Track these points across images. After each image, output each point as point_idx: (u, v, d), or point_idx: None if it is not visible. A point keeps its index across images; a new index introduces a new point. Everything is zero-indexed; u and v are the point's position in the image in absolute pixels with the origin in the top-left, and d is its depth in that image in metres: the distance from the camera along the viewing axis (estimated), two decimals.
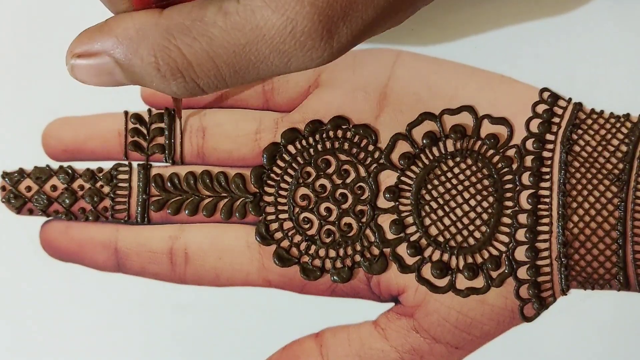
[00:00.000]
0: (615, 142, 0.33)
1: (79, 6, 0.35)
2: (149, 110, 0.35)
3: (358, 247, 0.33)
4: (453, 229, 0.33)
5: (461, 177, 0.33)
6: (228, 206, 0.34)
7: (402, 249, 0.33)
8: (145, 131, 0.34)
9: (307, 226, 0.33)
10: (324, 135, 0.34)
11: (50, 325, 0.34)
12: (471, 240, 0.33)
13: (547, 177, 0.33)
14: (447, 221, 0.33)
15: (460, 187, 0.33)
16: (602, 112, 0.34)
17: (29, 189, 0.34)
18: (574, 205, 0.33)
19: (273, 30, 0.25)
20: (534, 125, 0.34)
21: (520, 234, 0.33)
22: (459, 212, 0.33)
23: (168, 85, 0.26)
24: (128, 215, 0.34)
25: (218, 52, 0.25)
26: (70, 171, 0.34)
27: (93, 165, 0.35)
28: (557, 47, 0.34)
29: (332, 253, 0.33)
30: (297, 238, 0.33)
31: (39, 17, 0.35)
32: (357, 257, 0.33)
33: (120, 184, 0.34)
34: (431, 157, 0.34)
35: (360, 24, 0.26)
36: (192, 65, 0.26)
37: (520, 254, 0.33)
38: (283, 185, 0.34)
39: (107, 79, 0.27)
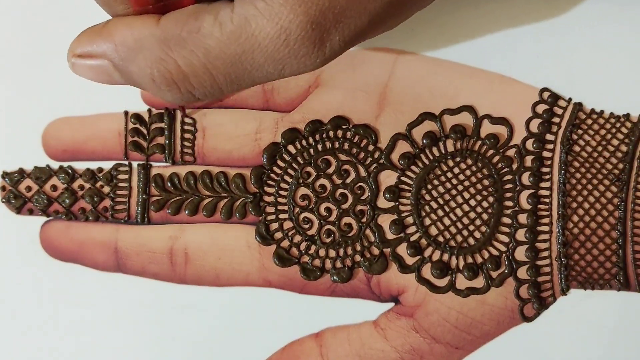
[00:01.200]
0: (615, 142, 0.33)
1: (79, 6, 0.35)
2: (149, 110, 0.35)
3: (358, 247, 0.33)
4: (453, 229, 0.33)
5: (461, 177, 0.33)
6: (228, 206, 0.34)
7: (402, 249, 0.33)
8: (145, 131, 0.34)
9: (307, 226, 0.33)
10: (324, 135, 0.34)
11: (50, 325, 0.34)
12: (471, 240, 0.33)
13: (547, 177, 0.33)
14: (447, 221, 0.33)
15: (460, 187, 0.33)
16: (602, 112, 0.34)
17: (29, 189, 0.34)
18: (574, 205, 0.33)
19: (267, 39, 0.25)
20: (534, 125, 0.34)
21: (520, 234, 0.33)
22: (459, 212, 0.33)
23: (163, 94, 0.27)
24: (128, 215, 0.34)
25: (215, 63, 0.26)
26: (70, 171, 0.34)
27: (93, 165, 0.35)
28: (557, 47, 0.34)
29: (332, 253, 0.33)
30: (297, 238, 0.33)
31: (39, 17, 0.35)
32: (357, 257, 0.33)
33: (120, 184, 0.34)
34: (431, 157, 0.34)
35: (352, 30, 0.26)
36: (187, 77, 0.26)
37: (520, 254, 0.33)
38: (283, 185, 0.34)
39: (105, 79, 0.27)
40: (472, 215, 0.33)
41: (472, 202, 0.33)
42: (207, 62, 0.26)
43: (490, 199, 0.33)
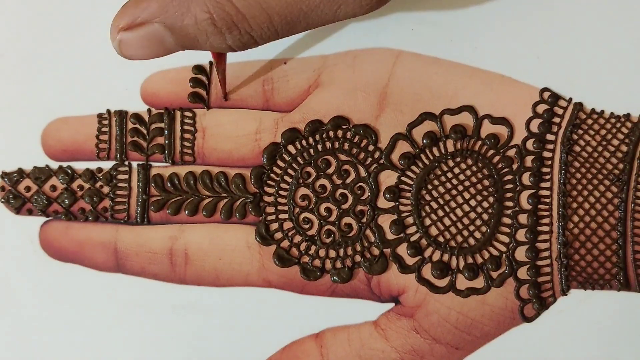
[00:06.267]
0: (615, 142, 0.33)
1: (79, 6, 0.35)
2: (149, 110, 0.35)
3: (358, 248, 0.33)
4: (453, 229, 0.33)
5: (461, 177, 0.33)
6: (228, 206, 0.34)
7: (402, 249, 0.33)
8: (145, 131, 0.34)
9: (307, 226, 0.33)
10: (324, 135, 0.34)
11: (50, 325, 0.34)
12: (471, 241, 0.33)
13: (548, 177, 0.33)
14: (447, 221, 0.33)
15: (460, 187, 0.33)
16: (602, 112, 0.34)
17: (28, 189, 0.34)
18: (574, 205, 0.33)
19: None
20: (535, 125, 0.34)
21: (521, 234, 0.33)
22: (459, 212, 0.33)
23: (223, 40, 0.26)
24: (128, 216, 0.34)
25: (270, 3, 0.26)
26: (69, 171, 0.34)
27: (92, 165, 0.34)
28: (557, 47, 0.34)
29: (332, 253, 0.33)
30: (297, 238, 0.33)
31: (39, 17, 0.35)
32: (357, 258, 0.33)
33: (119, 184, 0.34)
34: (431, 157, 0.34)
35: None
36: (245, 18, 0.26)
37: (521, 254, 0.33)
38: (283, 185, 0.34)
39: (156, 48, 0.27)
40: (473, 215, 0.33)
41: (473, 203, 0.33)
42: (263, 2, 0.26)
43: (491, 199, 0.33)
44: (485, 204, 0.33)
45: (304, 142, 0.34)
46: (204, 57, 0.35)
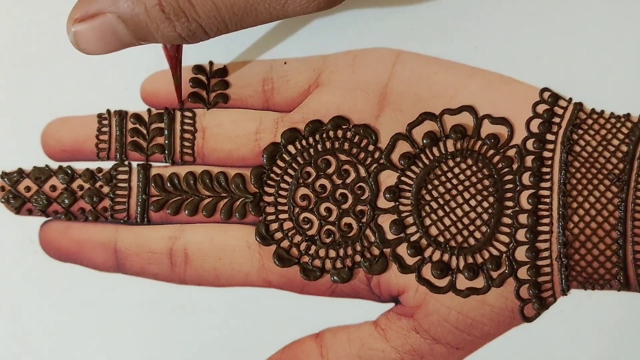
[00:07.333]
0: (615, 142, 0.33)
1: None
2: (149, 110, 0.35)
3: (358, 248, 0.33)
4: (453, 229, 0.33)
5: (461, 177, 0.33)
6: (228, 206, 0.34)
7: (402, 249, 0.33)
8: (144, 131, 0.34)
9: (307, 226, 0.33)
10: (324, 135, 0.34)
11: (50, 325, 0.34)
12: (471, 241, 0.33)
13: (548, 177, 0.33)
14: (447, 221, 0.33)
15: (460, 187, 0.33)
16: (602, 112, 0.34)
17: (28, 189, 0.34)
18: (575, 205, 0.33)
19: None
20: (535, 125, 0.34)
21: (521, 234, 0.33)
22: (459, 212, 0.33)
23: (173, 28, 0.27)
24: (127, 216, 0.34)
25: None
26: (69, 171, 0.34)
27: (92, 165, 0.34)
28: (557, 47, 0.34)
29: (332, 253, 0.33)
30: (297, 238, 0.33)
31: (39, 17, 0.35)
32: (357, 258, 0.33)
33: (119, 184, 0.34)
34: (431, 157, 0.34)
35: None
36: (193, 6, 0.27)
37: (521, 254, 0.33)
38: (283, 185, 0.34)
39: (111, 40, 0.28)
40: (473, 215, 0.33)
41: (473, 202, 0.33)
42: None
43: (491, 199, 0.33)
44: (485, 204, 0.33)
45: (304, 142, 0.34)
46: (204, 57, 0.35)
